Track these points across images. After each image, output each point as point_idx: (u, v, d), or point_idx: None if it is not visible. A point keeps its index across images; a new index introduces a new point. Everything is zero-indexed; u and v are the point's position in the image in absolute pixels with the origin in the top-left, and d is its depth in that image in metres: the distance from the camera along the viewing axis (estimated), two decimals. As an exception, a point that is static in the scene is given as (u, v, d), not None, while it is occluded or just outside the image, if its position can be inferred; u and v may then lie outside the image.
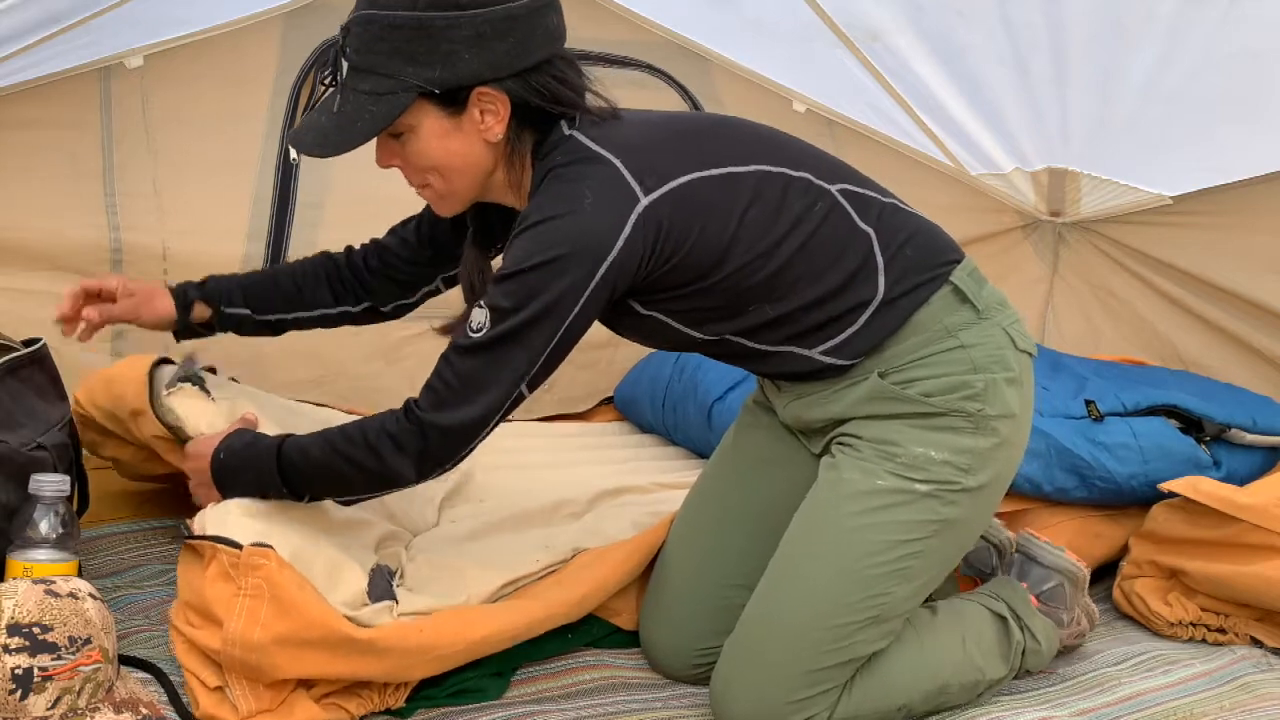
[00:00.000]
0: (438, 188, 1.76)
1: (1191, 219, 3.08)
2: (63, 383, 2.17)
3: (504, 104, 1.69)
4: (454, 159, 1.72)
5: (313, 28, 2.75)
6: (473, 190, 1.77)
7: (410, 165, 1.75)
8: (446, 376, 1.72)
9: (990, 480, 1.80)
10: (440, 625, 1.80)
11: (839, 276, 1.75)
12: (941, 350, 1.77)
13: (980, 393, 1.76)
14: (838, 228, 1.76)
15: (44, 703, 1.55)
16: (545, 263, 1.64)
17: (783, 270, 1.74)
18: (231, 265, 2.71)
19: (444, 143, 1.70)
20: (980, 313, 1.79)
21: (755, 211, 1.72)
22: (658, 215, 1.66)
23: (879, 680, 1.82)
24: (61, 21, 2.35)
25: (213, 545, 1.75)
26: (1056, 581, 2.00)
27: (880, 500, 1.76)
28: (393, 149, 1.74)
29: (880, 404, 1.78)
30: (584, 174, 1.67)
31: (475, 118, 1.69)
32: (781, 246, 1.73)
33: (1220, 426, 2.51)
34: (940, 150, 3.23)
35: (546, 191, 1.69)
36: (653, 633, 2.00)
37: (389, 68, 1.65)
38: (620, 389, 2.95)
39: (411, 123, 1.69)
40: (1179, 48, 2.77)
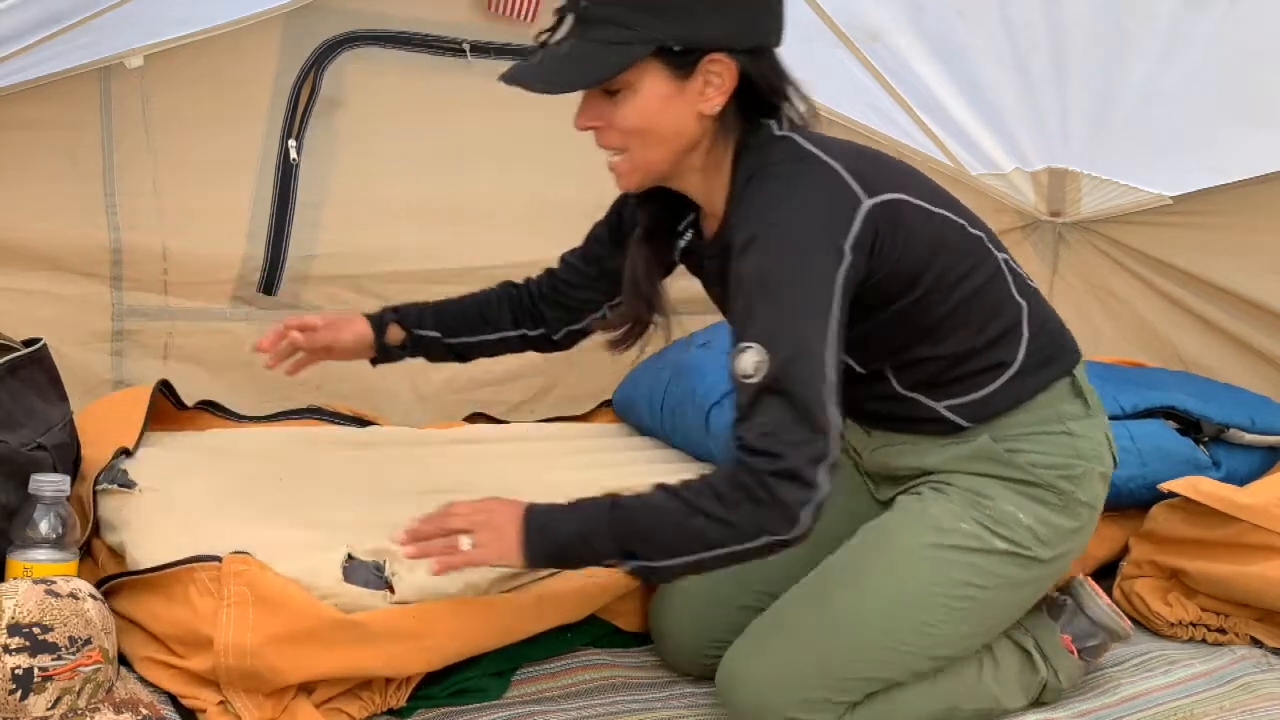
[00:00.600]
0: (635, 156, 1.72)
1: (1191, 219, 3.08)
2: (62, 383, 2.17)
3: (731, 76, 1.67)
4: (665, 124, 1.69)
5: (313, 28, 2.75)
6: (666, 165, 1.74)
7: (615, 127, 1.71)
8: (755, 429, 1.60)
9: (1058, 558, 1.84)
10: (432, 614, 1.79)
11: (988, 337, 1.79)
12: (1051, 432, 1.82)
13: (1077, 477, 1.82)
14: (999, 291, 1.81)
15: (44, 703, 1.55)
16: (791, 273, 1.62)
17: (950, 315, 1.77)
18: (232, 265, 2.71)
19: (662, 106, 1.67)
20: (1089, 410, 1.86)
21: (944, 252, 1.75)
22: (875, 220, 1.66)
23: (885, 696, 1.80)
24: (61, 21, 2.35)
25: (188, 568, 1.75)
26: (1100, 640, 1.98)
27: (958, 540, 1.78)
28: (600, 109, 1.71)
29: (982, 463, 1.81)
30: (804, 174, 1.67)
31: (698, 86, 1.67)
32: (955, 291, 1.76)
33: (1219, 427, 2.51)
34: (940, 150, 3.23)
35: (764, 194, 1.68)
36: (666, 623, 1.98)
37: (629, 19, 1.63)
38: (618, 392, 2.95)
39: (635, 80, 1.66)
40: (1179, 48, 2.77)
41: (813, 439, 1.58)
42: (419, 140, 2.90)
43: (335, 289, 2.81)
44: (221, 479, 2.19)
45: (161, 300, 2.68)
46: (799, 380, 1.59)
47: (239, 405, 2.68)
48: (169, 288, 2.68)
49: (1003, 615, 1.86)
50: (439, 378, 2.93)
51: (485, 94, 2.95)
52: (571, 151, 3.01)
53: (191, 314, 2.70)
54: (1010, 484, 1.80)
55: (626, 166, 1.75)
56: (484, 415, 2.91)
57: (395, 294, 2.86)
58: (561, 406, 3.05)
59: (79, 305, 2.60)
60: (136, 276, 2.64)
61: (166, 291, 2.68)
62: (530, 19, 2.92)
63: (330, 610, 1.73)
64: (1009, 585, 1.81)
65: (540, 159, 3.01)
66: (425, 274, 2.88)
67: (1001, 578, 1.80)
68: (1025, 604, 1.89)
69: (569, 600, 1.94)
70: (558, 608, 1.92)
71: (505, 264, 2.95)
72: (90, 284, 2.61)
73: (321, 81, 2.76)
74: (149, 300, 2.66)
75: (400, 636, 1.76)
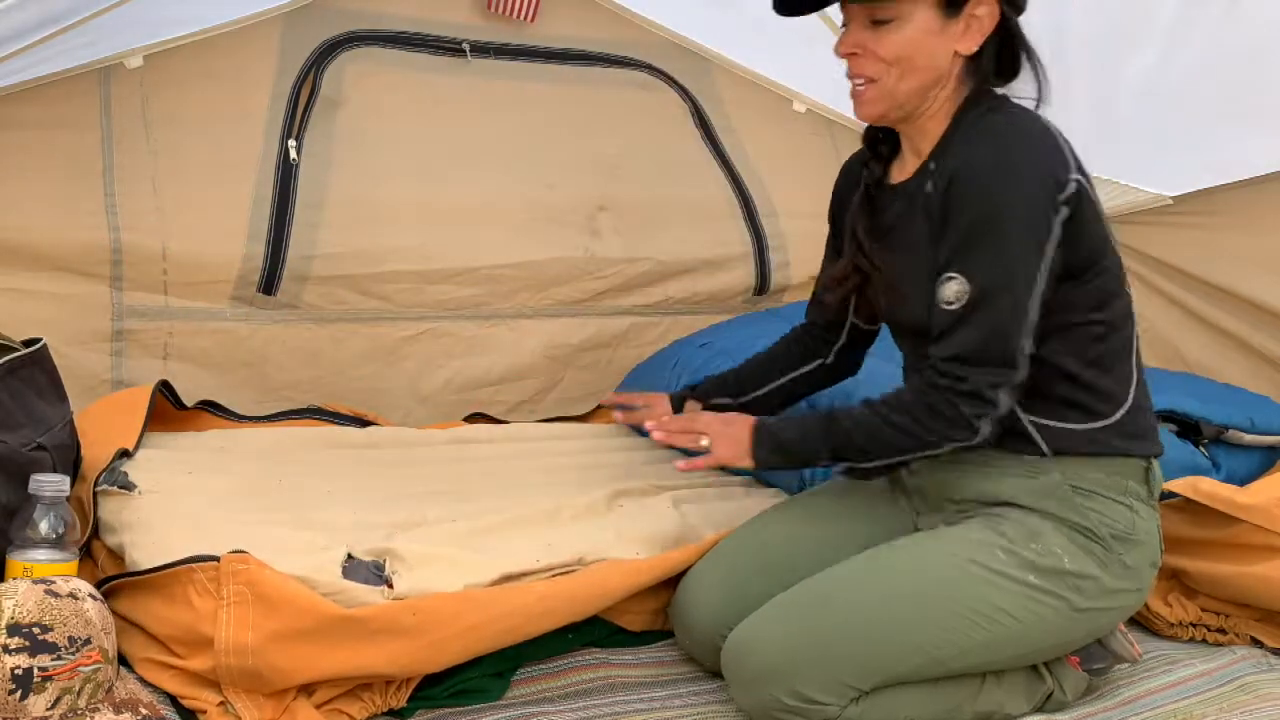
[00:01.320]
0: (888, 83, 1.83)
1: (1191, 219, 3.08)
2: (62, 383, 2.17)
3: (993, 19, 1.81)
4: (924, 57, 1.81)
5: (313, 28, 2.75)
6: (917, 98, 1.84)
7: (875, 55, 1.82)
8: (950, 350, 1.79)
9: (1091, 611, 1.85)
10: (433, 610, 1.79)
11: (1098, 377, 1.85)
12: (1118, 501, 1.86)
13: (1129, 542, 1.85)
14: (1125, 348, 1.88)
15: (44, 703, 1.55)
16: (1014, 192, 1.74)
17: (1076, 329, 1.83)
18: (232, 265, 2.71)
19: (926, 39, 1.80)
20: (1151, 501, 1.91)
21: (1109, 275, 1.85)
22: (1080, 188, 1.78)
23: (889, 692, 1.80)
24: (61, 21, 2.35)
25: (187, 568, 1.75)
26: (1108, 663, 1.97)
27: (997, 565, 1.81)
28: (862, 38, 1.82)
29: (1045, 500, 1.85)
30: (1029, 128, 1.80)
31: (961, 27, 1.81)
32: (1099, 311, 1.84)
33: (1218, 428, 2.51)
34: (940, 150, 3.22)
35: (990, 139, 1.79)
36: (698, 595, 1.97)
37: None
38: (619, 392, 2.95)
39: (908, 10, 1.79)
40: (1179, 48, 2.77)
41: (997, 368, 1.76)
42: (419, 140, 2.90)
43: (335, 289, 2.82)
44: (221, 480, 2.19)
45: (161, 300, 2.68)
46: (995, 312, 1.75)
47: (239, 405, 2.68)
48: (169, 288, 2.68)
49: (1024, 651, 1.86)
50: (439, 378, 2.94)
51: (485, 94, 2.97)
52: (571, 152, 3.05)
53: (191, 314, 2.70)
54: (1065, 527, 1.83)
55: (874, 94, 1.86)
56: (484, 415, 2.91)
57: (395, 294, 2.87)
58: (561, 406, 3.06)
59: (79, 305, 2.60)
60: (136, 276, 2.64)
61: (166, 291, 2.68)
62: (530, 19, 2.92)
63: (330, 606, 1.73)
64: (1037, 624, 1.82)
65: (540, 159, 3.01)
66: (425, 274, 2.89)
67: (1030, 614, 1.81)
68: (1049, 650, 1.89)
69: (571, 601, 1.93)
70: (560, 608, 1.91)
71: (505, 264, 2.97)
72: (90, 284, 2.61)
73: (321, 81, 2.76)
74: (149, 300, 2.67)
75: (401, 633, 1.75)
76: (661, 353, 2.92)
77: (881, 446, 1.86)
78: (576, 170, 3.05)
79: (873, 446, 1.86)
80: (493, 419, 2.90)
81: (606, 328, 3.10)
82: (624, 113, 3.10)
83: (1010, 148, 1.77)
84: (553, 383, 3.07)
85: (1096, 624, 1.88)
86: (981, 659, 1.82)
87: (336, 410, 2.74)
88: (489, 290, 2.96)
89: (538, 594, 1.89)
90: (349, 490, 2.24)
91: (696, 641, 1.97)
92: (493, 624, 1.82)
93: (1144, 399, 1.91)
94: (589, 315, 3.09)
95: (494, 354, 2.99)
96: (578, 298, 3.06)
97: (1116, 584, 1.85)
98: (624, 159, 3.06)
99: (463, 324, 2.96)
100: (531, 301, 3.02)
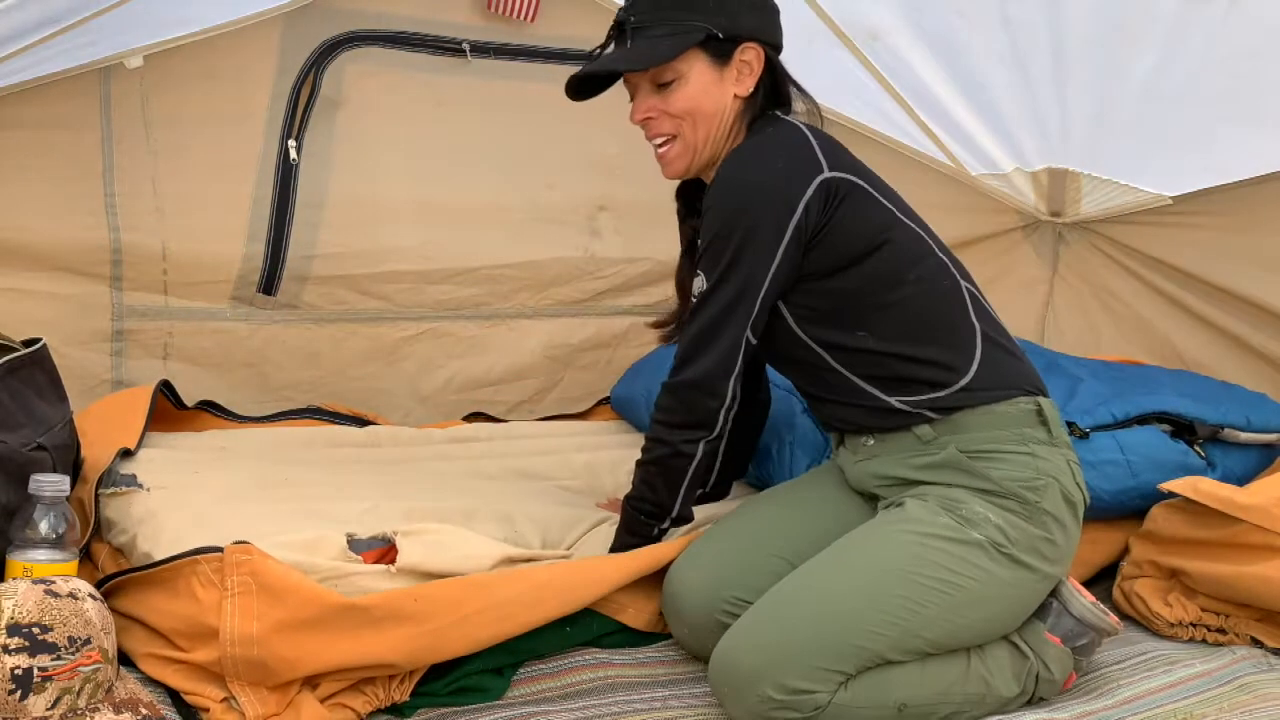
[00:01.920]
0: (687, 137, 2.01)
1: (1191, 219, 3.08)
2: (62, 383, 2.17)
3: (760, 62, 1.99)
4: (710, 105, 1.99)
5: (313, 28, 2.75)
6: (710, 145, 2.02)
7: (667, 113, 2.00)
8: (683, 342, 1.99)
9: (1035, 567, 1.91)
10: (434, 596, 1.81)
11: (935, 347, 1.96)
12: (1014, 451, 1.94)
13: (1039, 488, 1.92)
14: (953, 308, 1.99)
15: (44, 703, 1.55)
16: (742, 212, 1.91)
17: (894, 308, 1.96)
18: (232, 265, 2.71)
19: (707, 90, 1.99)
20: (1053, 439, 1.97)
21: (896, 248, 1.97)
22: (829, 187, 1.92)
23: (878, 673, 1.83)
24: (61, 21, 2.35)
25: (191, 560, 1.76)
26: (1089, 639, 1.98)
27: (936, 530, 1.89)
28: (651, 102, 2.01)
29: (952, 474, 1.94)
30: (777, 136, 1.97)
31: (733, 73, 1.99)
32: (903, 287, 1.96)
33: (1213, 428, 2.51)
34: (940, 150, 3.23)
35: (740, 149, 1.98)
36: (687, 574, 2.01)
37: (678, 16, 1.97)
38: (617, 389, 2.95)
39: (684, 69, 1.98)
40: (1179, 48, 2.77)
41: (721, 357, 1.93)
42: (419, 140, 2.90)
43: (335, 289, 2.82)
44: (225, 476, 2.19)
45: (161, 300, 2.68)
46: (721, 305, 1.92)
47: (239, 405, 2.68)
48: (169, 288, 2.68)
49: (990, 612, 1.90)
50: (439, 378, 2.94)
51: (485, 94, 2.97)
52: (571, 152, 3.04)
53: (191, 314, 2.71)
54: (977, 493, 1.92)
55: (676, 150, 2.03)
56: (483, 415, 2.91)
57: (395, 294, 2.87)
58: (560, 406, 3.06)
59: (79, 305, 2.60)
60: (136, 276, 2.64)
61: (166, 291, 2.68)
62: (530, 19, 2.92)
63: (333, 595, 1.74)
64: (991, 577, 1.87)
65: (540, 159, 3.01)
66: (425, 274, 2.89)
67: (982, 570, 1.87)
68: (1014, 610, 1.93)
69: (569, 589, 1.94)
70: (557, 596, 1.92)
71: (505, 264, 2.97)
72: (90, 284, 2.61)
73: (321, 81, 2.76)
74: (149, 300, 2.67)
75: (404, 620, 1.76)
76: (659, 350, 2.92)
77: (666, 489, 2.02)
78: (576, 170, 3.05)
79: (662, 495, 2.03)
80: (493, 418, 2.90)
81: (606, 328, 3.11)
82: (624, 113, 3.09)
83: (745, 165, 1.95)
84: (553, 382, 3.07)
85: (1046, 575, 1.93)
86: (954, 625, 1.87)
87: (336, 410, 2.74)
88: (489, 290, 2.96)
89: (535, 581, 1.91)
90: (350, 487, 2.25)
91: (690, 627, 1.99)
92: (492, 611, 1.83)
93: (997, 351, 1.99)
94: (589, 315, 3.09)
95: (494, 354, 2.99)
96: (578, 298, 3.07)
97: (1045, 531, 1.91)
98: (624, 159, 3.05)
99: (463, 324, 2.96)
100: (531, 301, 3.02)
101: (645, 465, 2.03)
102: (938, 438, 1.96)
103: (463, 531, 2.00)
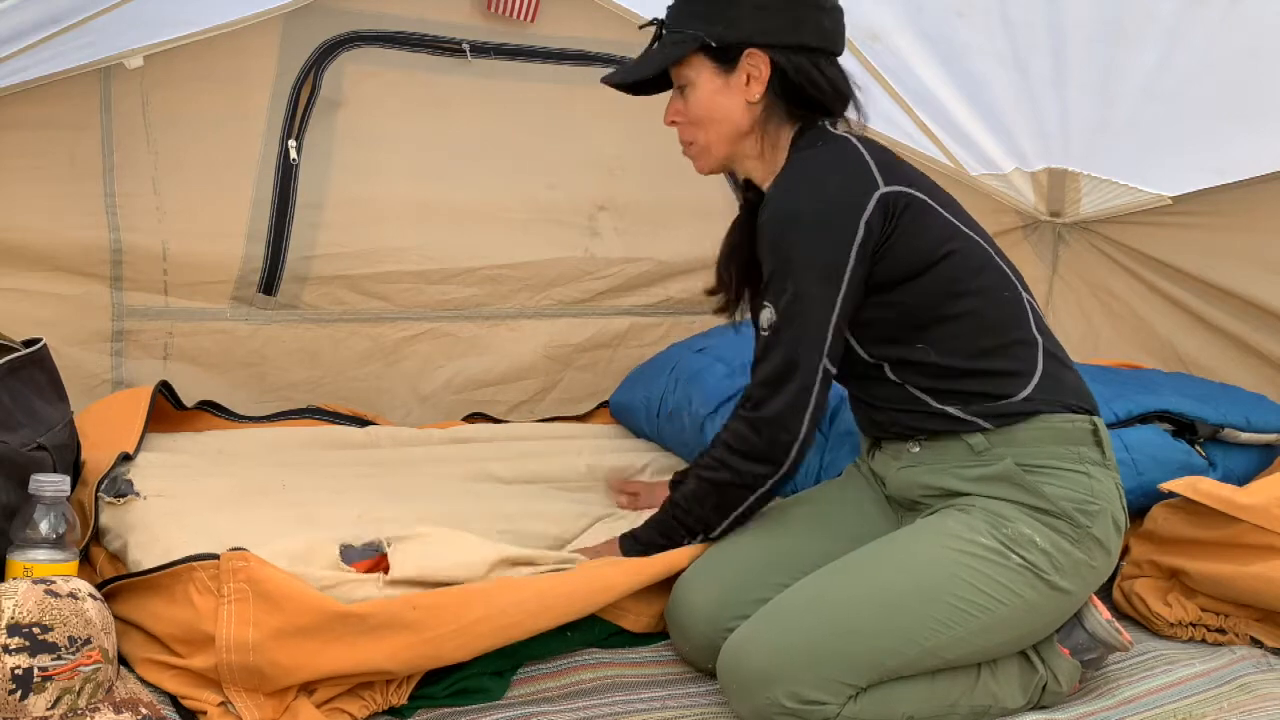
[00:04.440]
0: (700, 141, 2.03)
1: (1191, 219, 3.08)
2: (63, 383, 2.17)
3: (765, 66, 1.96)
4: (718, 112, 2.00)
5: (313, 28, 2.75)
6: (726, 149, 2.03)
7: (687, 118, 2.03)
8: (757, 376, 1.94)
9: (1070, 591, 1.88)
10: (433, 605, 1.79)
11: (1000, 360, 1.93)
12: (1071, 470, 1.90)
13: (1093, 513, 1.89)
14: (1015, 319, 1.96)
15: (44, 703, 1.55)
16: (800, 248, 1.88)
17: (956, 320, 1.93)
18: (232, 265, 2.71)
19: (714, 97, 1.99)
20: (1105, 460, 1.95)
21: (958, 258, 1.94)
22: (888, 202, 1.89)
23: (887, 688, 1.81)
24: (61, 21, 2.35)
25: (188, 566, 1.75)
26: (1099, 653, 1.98)
27: (976, 550, 1.85)
28: (676, 106, 2.04)
29: (1003, 487, 1.90)
30: (827, 155, 1.94)
31: (741, 79, 1.98)
32: (965, 299, 1.93)
33: (1214, 428, 2.51)
34: (940, 150, 3.23)
35: (793, 169, 1.96)
36: (693, 592, 1.98)
37: (684, 25, 1.99)
38: (616, 396, 2.95)
39: (692, 75, 2.00)
40: (1179, 48, 2.77)
41: (798, 391, 1.88)
42: (419, 140, 2.90)
43: (335, 289, 2.82)
44: (222, 482, 2.19)
45: (161, 300, 2.68)
46: (794, 337, 1.88)
47: (239, 405, 2.68)
48: (169, 288, 2.68)
49: (1014, 635, 1.88)
50: (439, 378, 2.94)
51: (485, 94, 2.97)
52: (571, 152, 3.04)
53: (191, 314, 2.71)
54: (1029, 510, 1.87)
55: (695, 151, 2.06)
56: (483, 415, 2.91)
57: (395, 294, 2.87)
58: (560, 407, 3.06)
59: (79, 305, 2.60)
60: (136, 276, 2.64)
61: (166, 292, 2.68)
62: (530, 19, 2.92)
63: (331, 603, 1.73)
64: (1024, 604, 1.84)
65: (540, 159, 3.01)
66: (425, 274, 2.89)
67: (1017, 595, 1.84)
68: (1038, 631, 1.91)
69: (571, 598, 1.92)
70: (560, 605, 1.90)
71: (505, 264, 2.97)
72: (90, 284, 2.61)
73: (321, 81, 2.76)
74: (149, 300, 2.67)
75: (402, 629, 1.75)
76: (658, 356, 2.92)
77: (715, 510, 1.99)
78: (576, 170, 3.05)
79: (709, 513, 2.00)
80: (492, 419, 2.90)
81: (606, 328, 3.11)
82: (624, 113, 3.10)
83: (795, 191, 1.92)
84: (553, 383, 3.07)
85: (1078, 597, 1.92)
86: (976, 646, 1.84)
87: (336, 410, 2.74)
88: (489, 290, 2.96)
89: (537, 590, 1.89)
90: (348, 490, 2.25)
91: (693, 645, 1.97)
92: (493, 620, 1.82)
93: (1056, 365, 1.97)
94: (589, 315, 3.09)
95: (494, 354, 2.99)
96: (578, 298, 3.06)
97: (1089, 557, 1.89)
98: (624, 159, 3.06)
99: (463, 324, 2.96)
100: (531, 301, 3.02)
101: (703, 481, 1.99)
102: (991, 448, 1.91)
103: (457, 534, 1.98)
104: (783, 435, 1.91)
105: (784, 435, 1.91)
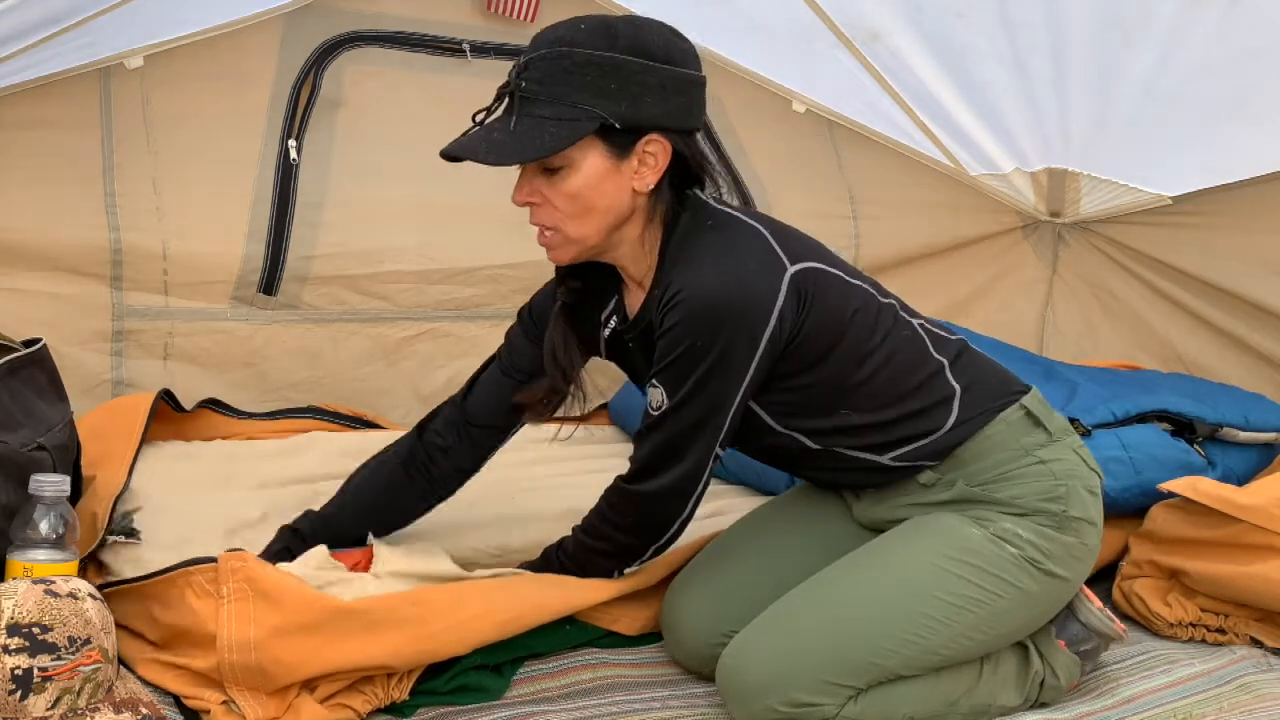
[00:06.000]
0: (570, 231, 1.78)
1: (1191, 219, 3.08)
2: (63, 383, 2.17)
3: (665, 155, 1.76)
4: (602, 200, 1.76)
5: (313, 28, 2.75)
6: (598, 239, 1.80)
7: (551, 203, 1.77)
8: (643, 451, 1.84)
9: (1067, 577, 1.88)
10: (433, 601, 1.81)
11: (918, 399, 1.86)
12: (1022, 467, 1.87)
13: (1062, 496, 1.86)
14: (918, 354, 1.88)
15: (44, 703, 1.55)
16: (714, 333, 1.73)
17: (869, 381, 1.84)
18: (232, 265, 2.71)
19: (600, 183, 1.75)
20: (1052, 435, 1.90)
21: (860, 317, 1.83)
22: (799, 286, 1.76)
23: (886, 688, 1.81)
24: (61, 21, 2.35)
25: (184, 571, 1.76)
26: (1095, 644, 1.98)
27: (968, 544, 1.84)
28: (536, 185, 1.77)
29: (968, 506, 1.88)
30: (729, 241, 1.77)
31: (634, 165, 1.76)
32: (874, 356, 1.84)
33: (1212, 427, 2.51)
34: (940, 150, 3.23)
35: (695, 254, 1.77)
36: (682, 604, 1.98)
37: (576, 98, 1.70)
38: (616, 399, 2.95)
39: (577, 157, 1.73)
40: (1179, 48, 2.77)
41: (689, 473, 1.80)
42: (419, 140, 2.88)
43: (335, 289, 2.82)
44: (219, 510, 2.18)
45: (161, 300, 2.68)
46: (691, 422, 1.78)
47: (239, 405, 2.68)
48: (169, 288, 2.68)
49: (1013, 627, 1.88)
50: (439, 378, 2.94)
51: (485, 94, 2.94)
52: (571, 151, 3.04)
53: (191, 314, 2.70)
54: (1003, 512, 1.87)
55: (559, 240, 1.81)
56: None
57: (395, 294, 2.87)
58: (561, 406, 3.05)
59: (79, 305, 2.60)
60: (136, 276, 2.64)
61: (166, 292, 2.68)
62: (530, 19, 2.92)
63: (330, 600, 1.74)
64: (1021, 594, 1.84)
65: (540, 159, 3.01)
66: (426, 274, 2.88)
67: (1014, 586, 1.83)
68: (1036, 620, 1.91)
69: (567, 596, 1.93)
70: (556, 602, 1.92)
71: (504, 264, 2.96)
72: (90, 284, 2.61)
73: (321, 81, 2.76)
74: (149, 300, 2.67)
75: (401, 624, 1.76)
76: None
77: (596, 569, 1.94)
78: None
79: (588, 571, 1.94)
80: (492, 419, 2.90)
81: (606, 328, 3.10)
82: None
83: (704, 281, 1.73)
84: (552, 383, 3.07)
85: (1074, 582, 1.91)
86: (970, 643, 1.83)
87: (336, 410, 2.74)
88: (489, 290, 2.96)
89: (535, 585, 1.91)
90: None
91: (688, 652, 1.97)
92: (491, 615, 1.83)
93: (968, 369, 1.91)
94: (589, 315, 3.08)
95: (494, 354, 2.99)
96: (578, 298, 3.06)
97: (1079, 537, 1.87)
98: (624, 159, 3.06)
99: (463, 324, 2.96)
100: (531, 302, 3.02)
101: (581, 545, 1.93)
102: (942, 478, 1.89)
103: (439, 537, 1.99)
104: (665, 513, 1.85)
105: (666, 513, 1.85)
